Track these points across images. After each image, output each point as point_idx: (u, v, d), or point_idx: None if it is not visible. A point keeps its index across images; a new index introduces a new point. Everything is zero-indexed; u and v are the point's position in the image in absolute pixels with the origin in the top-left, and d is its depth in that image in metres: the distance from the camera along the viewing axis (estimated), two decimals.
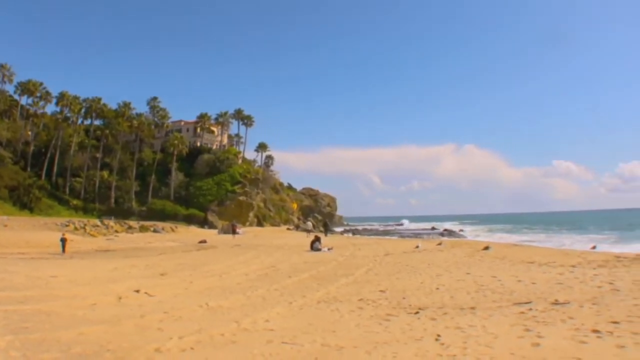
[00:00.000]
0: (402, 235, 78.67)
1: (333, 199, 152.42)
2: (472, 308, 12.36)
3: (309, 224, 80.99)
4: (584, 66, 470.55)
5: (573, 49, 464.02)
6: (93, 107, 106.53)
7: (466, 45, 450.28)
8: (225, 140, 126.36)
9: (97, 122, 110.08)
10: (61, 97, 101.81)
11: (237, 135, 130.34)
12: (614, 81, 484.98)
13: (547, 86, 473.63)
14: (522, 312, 11.47)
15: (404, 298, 14.28)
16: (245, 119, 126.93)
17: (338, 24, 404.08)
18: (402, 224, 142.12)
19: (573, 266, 20.47)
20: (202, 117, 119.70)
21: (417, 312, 12.02)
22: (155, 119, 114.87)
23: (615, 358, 7.62)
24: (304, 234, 64.66)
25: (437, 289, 15.79)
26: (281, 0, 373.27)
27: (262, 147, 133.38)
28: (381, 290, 15.82)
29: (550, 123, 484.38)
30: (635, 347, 8.19)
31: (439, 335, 9.46)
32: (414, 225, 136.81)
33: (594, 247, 37.65)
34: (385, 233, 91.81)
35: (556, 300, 12.77)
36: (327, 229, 72.57)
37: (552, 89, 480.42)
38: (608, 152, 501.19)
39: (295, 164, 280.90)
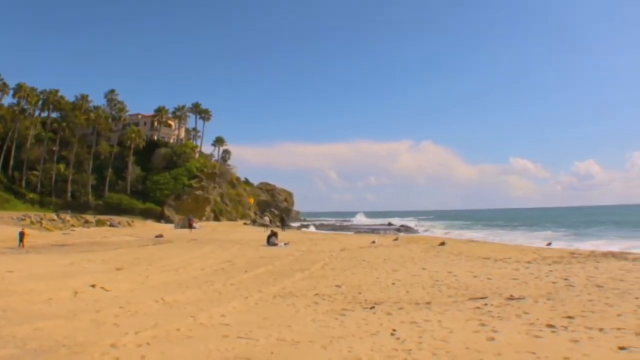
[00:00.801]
0: (358, 230, 78.67)
1: (290, 194, 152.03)
2: (428, 303, 12.39)
3: (267, 219, 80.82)
4: (537, 65, 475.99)
5: (527, 46, 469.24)
6: (50, 99, 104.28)
7: (421, 41, 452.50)
8: (183, 134, 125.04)
9: (54, 115, 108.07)
10: (18, 88, 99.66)
11: (195, 129, 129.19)
12: (570, 80, 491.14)
13: (503, 84, 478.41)
14: (478, 307, 11.54)
15: (359, 293, 14.27)
16: (202, 113, 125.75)
17: (296, 19, 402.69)
18: (350, 221, 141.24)
19: (528, 262, 20.73)
20: (160, 111, 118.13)
21: (372, 307, 12.02)
22: (113, 112, 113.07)
23: (569, 352, 7.64)
24: (261, 228, 64.46)
25: (393, 284, 15.81)
26: None
27: (219, 141, 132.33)
28: (337, 285, 15.79)
29: (507, 121, 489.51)
30: (589, 341, 8.25)
31: (394, 330, 9.46)
32: (370, 221, 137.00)
33: (549, 244, 38.04)
34: (342, 228, 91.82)
35: (511, 296, 12.89)
36: (284, 224, 72.43)
37: (508, 86, 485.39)
38: (564, 151, 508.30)
39: (253, 159, 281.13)
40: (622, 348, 7.79)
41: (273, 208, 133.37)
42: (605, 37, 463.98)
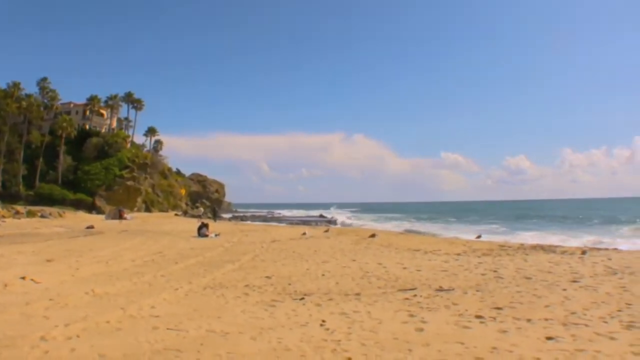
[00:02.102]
0: (290, 222, 78.70)
1: (222, 185, 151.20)
2: (357, 294, 12.37)
3: (201, 210, 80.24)
4: (468, 61, 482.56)
5: (458, 43, 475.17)
6: None
7: (357, 36, 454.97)
8: (115, 124, 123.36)
9: None
10: None
11: (127, 119, 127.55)
12: (500, 77, 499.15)
13: (434, 79, 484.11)
14: (407, 298, 11.55)
15: (289, 284, 14.18)
16: (135, 103, 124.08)
17: (232, 8, 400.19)
18: (276, 214, 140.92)
19: (458, 254, 20.92)
20: (92, 100, 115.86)
21: (302, 298, 11.94)
22: (45, 101, 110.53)
23: (497, 342, 7.70)
24: (193, 219, 64.19)
25: (323, 275, 15.75)
26: None
27: (151, 131, 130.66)
28: (267, 277, 15.67)
29: (438, 116, 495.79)
30: (517, 331, 8.33)
31: (323, 321, 9.41)
32: (302, 213, 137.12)
33: (479, 237, 38.46)
34: (274, 220, 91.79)
35: (440, 287, 12.97)
36: (215, 215, 72.08)
37: (439, 82, 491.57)
38: (495, 146, 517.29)
39: (185, 149, 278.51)
40: (549, 338, 7.86)
41: (204, 199, 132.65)
42: (533, 34, 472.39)
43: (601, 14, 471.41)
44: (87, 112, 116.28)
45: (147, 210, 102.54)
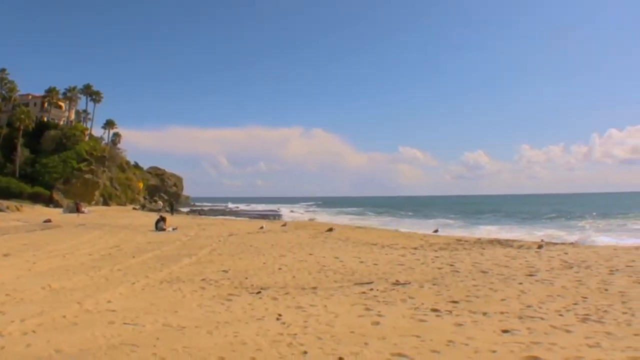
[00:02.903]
0: (248, 216, 78.55)
1: (180, 179, 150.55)
2: (314, 288, 12.34)
3: (160, 204, 79.79)
4: (427, 53, 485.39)
5: (419, 38, 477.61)
6: None
7: (315, 30, 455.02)
8: (73, 116, 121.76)
9: None
10: None
11: (85, 111, 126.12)
12: (461, 71, 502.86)
13: (391, 72, 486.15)
14: (363, 292, 11.53)
15: (246, 278, 14.07)
16: (93, 95, 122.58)
17: (191, 1, 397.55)
18: (235, 208, 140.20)
19: (415, 248, 21.00)
20: (50, 92, 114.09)
21: (259, 292, 11.87)
22: (3, 92, 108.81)
23: (454, 335, 7.68)
24: (151, 213, 63.76)
25: (280, 269, 15.70)
26: None
27: (109, 124, 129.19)
28: (224, 270, 15.57)
29: (397, 110, 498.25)
30: (473, 324, 8.35)
31: (280, 315, 9.36)
32: (260, 207, 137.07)
33: (436, 231, 38.61)
34: (232, 214, 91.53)
35: (397, 281, 12.96)
36: (173, 209, 71.68)
37: (396, 75, 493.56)
38: (454, 141, 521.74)
39: (143, 143, 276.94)
40: (505, 331, 7.88)
41: (163, 193, 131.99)
42: (489, 30, 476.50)
43: (555, 9, 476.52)
44: (46, 104, 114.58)
45: (105, 204, 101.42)
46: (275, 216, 78.65)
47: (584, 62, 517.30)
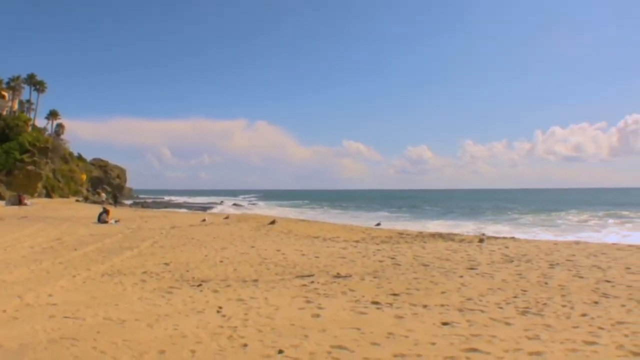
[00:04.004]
0: (190, 208, 78.19)
1: (123, 171, 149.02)
2: (255, 280, 12.29)
3: (103, 196, 79.01)
4: (373, 48, 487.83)
5: (365, 34, 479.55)
6: None
7: (259, 23, 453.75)
8: (17, 107, 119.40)
9: None
10: None
11: (29, 101, 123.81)
12: (405, 65, 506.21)
13: (337, 68, 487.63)
14: (304, 285, 11.54)
15: (187, 271, 13.98)
16: (37, 85, 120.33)
17: None
18: (178, 200, 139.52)
19: (357, 241, 21.03)
20: None
21: (200, 285, 11.82)
22: None
23: (394, 328, 7.71)
24: (94, 205, 63.02)
25: (221, 261, 15.59)
26: None
27: (53, 114, 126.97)
28: (165, 263, 15.45)
29: (340, 104, 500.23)
30: (413, 317, 8.38)
31: (220, 307, 9.35)
32: (203, 199, 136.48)
33: (378, 224, 38.85)
34: (174, 206, 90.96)
35: (338, 274, 12.97)
36: (116, 201, 71.08)
37: (340, 69, 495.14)
38: (397, 136, 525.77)
39: (86, 134, 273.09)
40: (445, 323, 7.92)
41: (106, 185, 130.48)
42: (438, 25, 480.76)
43: (499, 5, 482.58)
44: None
45: (48, 196, 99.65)
46: (218, 208, 78.43)
47: (529, 59, 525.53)
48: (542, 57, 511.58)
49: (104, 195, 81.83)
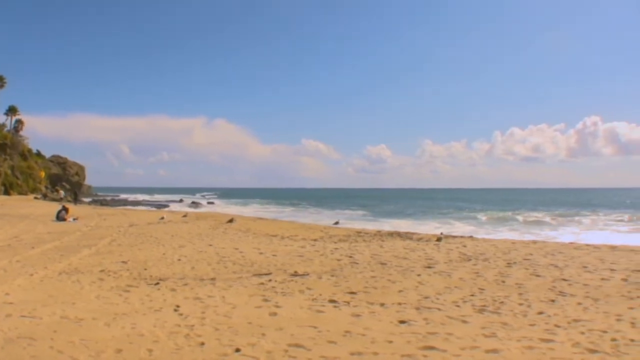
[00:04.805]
0: (149, 206, 77.78)
1: (82, 168, 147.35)
2: (213, 279, 12.26)
3: (62, 193, 78.17)
4: (334, 52, 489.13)
5: (324, 34, 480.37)
6: None
7: (214, 19, 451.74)
8: None
9: None
10: None
11: None
12: (363, 63, 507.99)
13: (297, 67, 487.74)
14: (262, 283, 11.53)
15: (145, 269, 13.89)
16: None
17: None
18: (137, 198, 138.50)
19: (315, 240, 21.04)
20: None
21: (157, 283, 11.73)
22: None
23: (351, 326, 7.73)
24: (53, 203, 62.20)
25: (179, 260, 15.51)
26: None
27: (12, 110, 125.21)
28: (123, 261, 15.30)
29: (300, 103, 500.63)
30: (370, 315, 8.41)
31: (178, 306, 9.31)
32: (162, 197, 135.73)
33: (336, 223, 38.96)
34: (133, 204, 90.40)
35: (296, 272, 12.99)
36: (76, 199, 70.38)
37: (302, 70, 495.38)
38: (356, 135, 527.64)
39: (45, 130, 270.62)
40: (402, 322, 7.95)
41: (65, 182, 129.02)
42: (395, 28, 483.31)
43: (460, 6, 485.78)
44: None
45: (6, 193, 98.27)
46: (177, 206, 78.11)
47: (488, 60, 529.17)
48: (502, 58, 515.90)
49: (62, 192, 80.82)
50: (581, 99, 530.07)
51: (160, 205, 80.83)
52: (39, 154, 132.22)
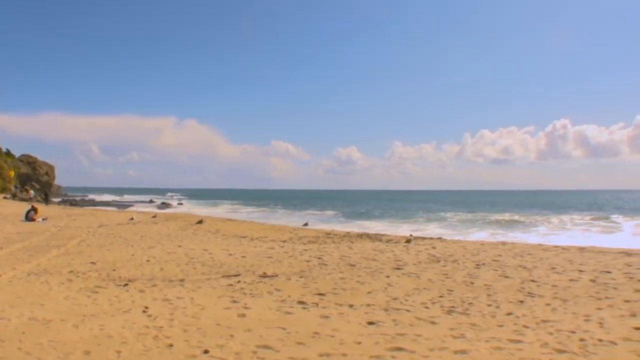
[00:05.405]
0: (119, 206, 77.35)
1: (52, 168, 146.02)
2: (181, 280, 12.25)
3: (32, 193, 77.64)
4: (303, 54, 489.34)
5: (294, 35, 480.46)
6: None
7: (185, 20, 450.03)
8: None
9: None
10: None
11: None
12: (333, 70, 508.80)
13: (267, 68, 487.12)
14: (231, 284, 11.54)
15: (114, 270, 13.83)
16: None
17: None
18: (107, 198, 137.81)
19: (284, 241, 21.07)
20: None
21: (126, 284, 11.70)
22: None
23: (319, 327, 7.76)
24: (22, 203, 61.75)
25: (148, 261, 15.48)
26: None
27: None
28: (92, 262, 15.23)
29: (270, 104, 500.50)
30: (339, 317, 8.43)
31: (146, 307, 9.29)
32: (131, 197, 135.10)
33: (306, 224, 39.09)
34: (103, 204, 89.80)
35: (264, 273, 12.99)
36: (47, 199, 69.92)
37: (272, 71, 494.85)
38: (326, 136, 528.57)
39: (14, 128, 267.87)
40: (370, 323, 7.97)
41: (34, 182, 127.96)
42: (364, 30, 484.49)
43: (431, 6, 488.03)
44: None
45: None
46: (147, 207, 77.81)
47: (458, 62, 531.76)
48: (472, 60, 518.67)
49: (32, 192, 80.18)
50: (551, 102, 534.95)
51: (130, 206, 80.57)
52: (8, 153, 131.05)
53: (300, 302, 9.57)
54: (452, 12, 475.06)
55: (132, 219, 36.10)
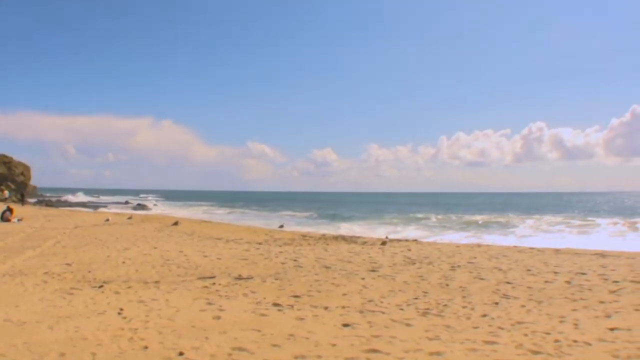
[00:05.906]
0: (95, 207, 76.90)
1: (28, 168, 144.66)
2: (157, 282, 12.21)
3: (7, 193, 77.07)
4: (280, 54, 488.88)
5: (273, 33, 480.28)
6: None
7: (161, 20, 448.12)
8: None
9: None
10: None
11: None
12: (310, 71, 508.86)
13: (245, 69, 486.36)
14: (206, 286, 11.53)
15: (89, 271, 13.77)
16: None
17: None
18: (82, 199, 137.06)
19: (259, 243, 21.10)
20: None
21: (101, 286, 11.63)
22: None
23: (294, 329, 7.76)
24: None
25: (123, 262, 15.43)
26: None
27: None
28: (67, 264, 15.16)
29: (245, 104, 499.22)
30: (314, 319, 8.45)
31: (121, 309, 9.25)
32: (107, 198, 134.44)
33: (281, 226, 39.03)
34: (79, 205, 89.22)
35: (240, 275, 12.99)
36: (23, 199, 69.50)
37: (249, 73, 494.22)
38: (302, 138, 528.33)
39: None
40: (345, 325, 7.98)
41: (9, 182, 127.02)
42: (343, 29, 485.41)
43: (409, 8, 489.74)
44: None
45: None
46: (122, 208, 77.51)
47: (434, 65, 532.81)
48: (448, 63, 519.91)
49: (7, 193, 79.55)
50: (527, 105, 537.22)
51: (106, 207, 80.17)
52: None
53: (276, 304, 9.57)
54: (428, 16, 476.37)
55: (107, 220, 36.05)
